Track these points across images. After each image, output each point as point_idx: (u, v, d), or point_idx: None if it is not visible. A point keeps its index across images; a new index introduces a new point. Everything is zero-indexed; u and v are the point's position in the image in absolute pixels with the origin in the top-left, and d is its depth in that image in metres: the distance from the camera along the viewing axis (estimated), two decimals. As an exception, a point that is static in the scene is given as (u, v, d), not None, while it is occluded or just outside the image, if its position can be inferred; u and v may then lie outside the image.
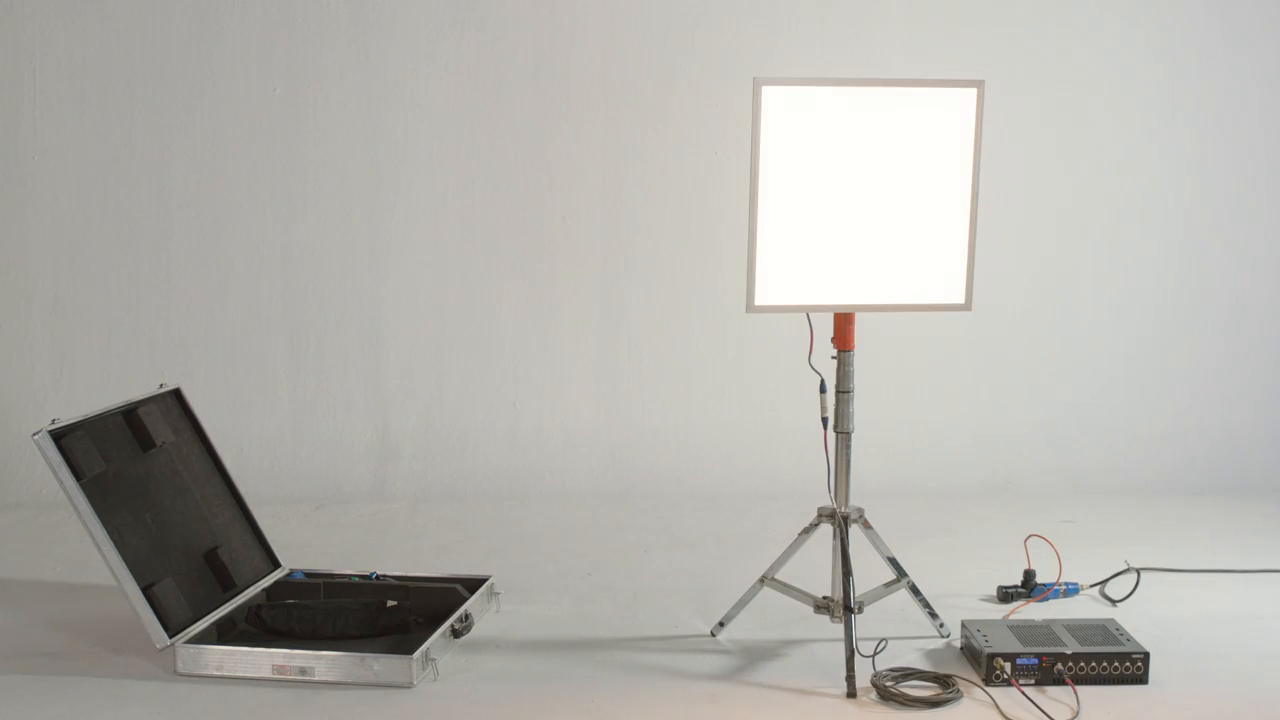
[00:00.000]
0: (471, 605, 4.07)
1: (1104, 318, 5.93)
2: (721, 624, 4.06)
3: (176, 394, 4.41)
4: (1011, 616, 4.12)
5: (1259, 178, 5.90)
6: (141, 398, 4.24)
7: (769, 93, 3.69)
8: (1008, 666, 3.64)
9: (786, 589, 4.01)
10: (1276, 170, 5.90)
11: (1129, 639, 3.75)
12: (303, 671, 3.67)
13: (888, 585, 4.00)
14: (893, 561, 3.98)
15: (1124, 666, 3.66)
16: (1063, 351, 5.93)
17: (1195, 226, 5.92)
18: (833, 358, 3.89)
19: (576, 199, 5.75)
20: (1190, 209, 5.91)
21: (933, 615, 4.01)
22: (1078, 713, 3.48)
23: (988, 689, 3.61)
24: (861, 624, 3.83)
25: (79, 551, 4.71)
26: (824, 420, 3.92)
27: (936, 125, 3.78)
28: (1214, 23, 5.81)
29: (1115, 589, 4.43)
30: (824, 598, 3.97)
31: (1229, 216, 5.92)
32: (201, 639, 3.81)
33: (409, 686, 3.64)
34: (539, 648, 3.99)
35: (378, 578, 4.28)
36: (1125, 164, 5.86)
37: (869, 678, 3.63)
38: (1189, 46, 5.81)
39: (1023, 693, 3.58)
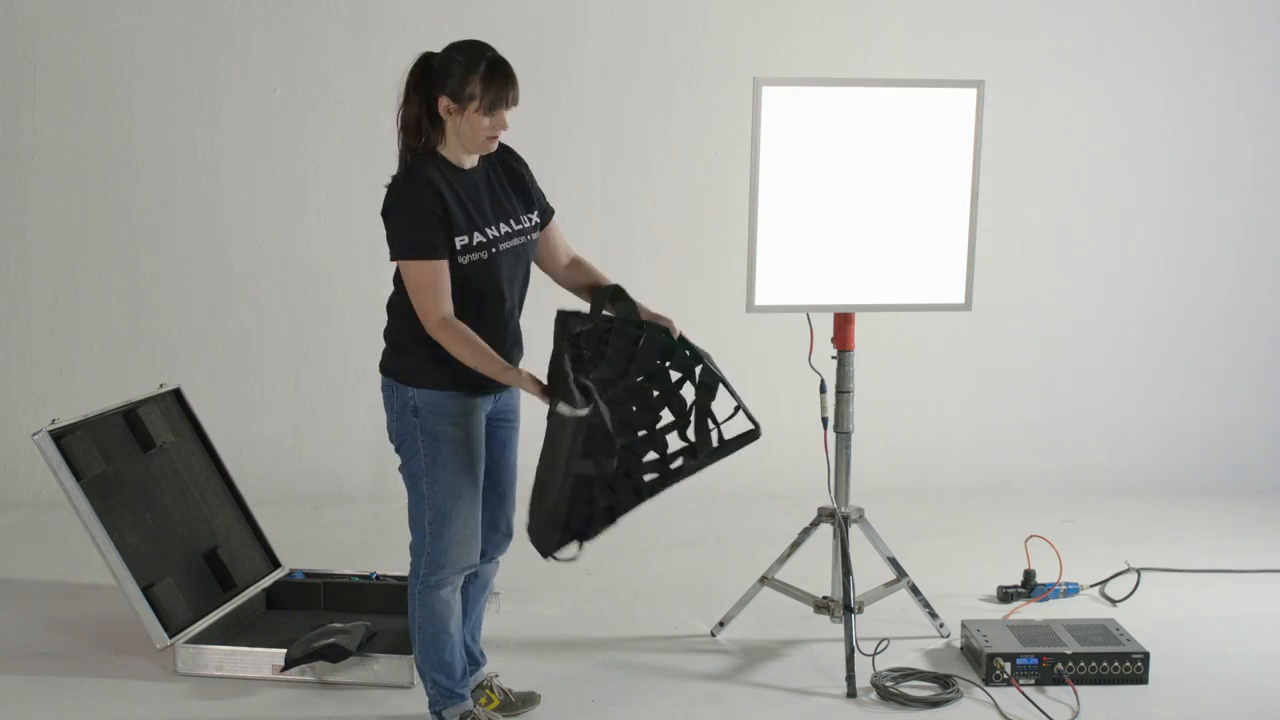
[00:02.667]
0: (471, 605, 4.06)
1: (1103, 318, 5.93)
2: (721, 624, 4.06)
3: (176, 394, 4.41)
4: (1011, 616, 4.12)
5: (1256, 178, 5.90)
6: (141, 398, 4.25)
7: (769, 93, 3.70)
8: (1008, 666, 3.64)
9: (786, 589, 4.01)
10: (1273, 171, 5.90)
11: (1129, 639, 3.75)
12: (303, 671, 3.67)
13: (888, 585, 4.00)
14: (893, 561, 3.98)
15: (1124, 666, 3.66)
16: (1062, 351, 5.93)
17: (1193, 227, 5.92)
18: (833, 358, 3.89)
19: (577, 199, 5.75)
20: (1188, 210, 5.91)
21: (933, 615, 4.01)
22: (1078, 713, 3.48)
23: (988, 689, 3.61)
24: (861, 624, 3.84)
25: (79, 551, 4.71)
26: (824, 420, 3.93)
27: (936, 125, 3.78)
28: (1211, 25, 5.80)
29: (1115, 589, 4.43)
30: (824, 598, 3.97)
31: (1226, 217, 5.92)
32: (201, 639, 3.81)
33: (409, 687, 3.64)
34: (539, 648, 3.99)
35: (378, 578, 4.28)
36: (1123, 164, 5.86)
37: (869, 678, 3.64)
38: (1187, 49, 5.81)
39: (1023, 693, 3.58)
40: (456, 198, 3.11)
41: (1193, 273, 5.94)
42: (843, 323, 3.88)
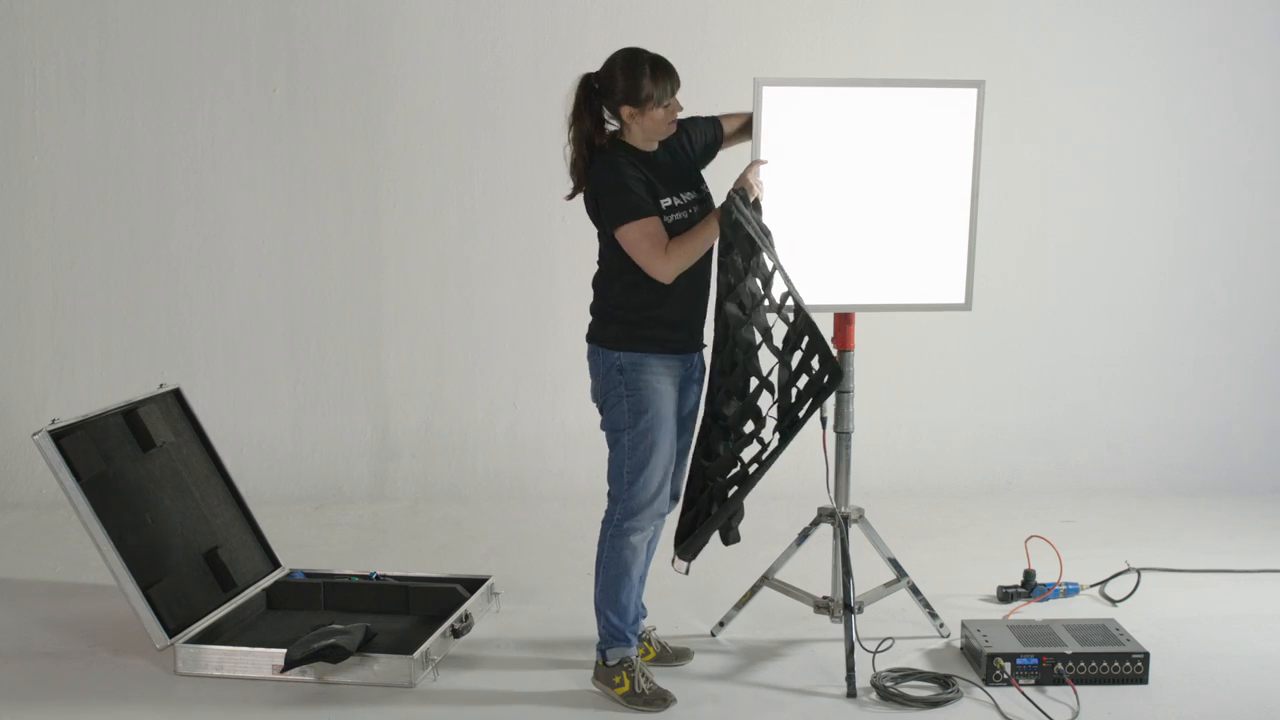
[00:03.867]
0: (471, 605, 4.07)
1: (1103, 318, 5.93)
2: (721, 624, 4.06)
3: (176, 394, 4.41)
4: (1011, 616, 4.12)
5: (1255, 178, 5.90)
6: (141, 398, 4.25)
7: (769, 93, 3.69)
8: (1008, 666, 3.64)
9: (786, 589, 4.01)
10: (1272, 171, 5.90)
11: (1129, 639, 3.75)
12: (303, 671, 3.66)
13: (888, 585, 4.00)
14: (893, 562, 3.98)
15: (1124, 666, 3.66)
16: (1062, 351, 5.93)
17: (1193, 226, 5.92)
18: (833, 358, 3.88)
19: (576, 199, 5.74)
20: (1188, 209, 5.91)
21: (933, 615, 4.00)
22: (1078, 713, 3.48)
23: (988, 689, 3.61)
24: (862, 624, 3.84)
25: (79, 551, 4.71)
26: (823, 420, 3.91)
27: (936, 125, 3.78)
28: (1210, 24, 5.80)
29: (1115, 589, 4.43)
30: (824, 598, 3.96)
31: (1227, 216, 5.92)
32: (201, 639, 3.81)
33: (409, 686, 3.64)
34: (539, 648, 3.99)
35: (378, 578, 4.28)
36: (1123, 164, 5.86)
37: (869, 678, 3.64)
38: (1186, 48, 5.81)
39: (1023, 693, 3.58)
40: (646, 169, 3.46)
41: (1193, 273, 5.93)
42: (843, 323, 3.88)
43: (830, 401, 3.90)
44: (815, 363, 3.44)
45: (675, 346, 3.55)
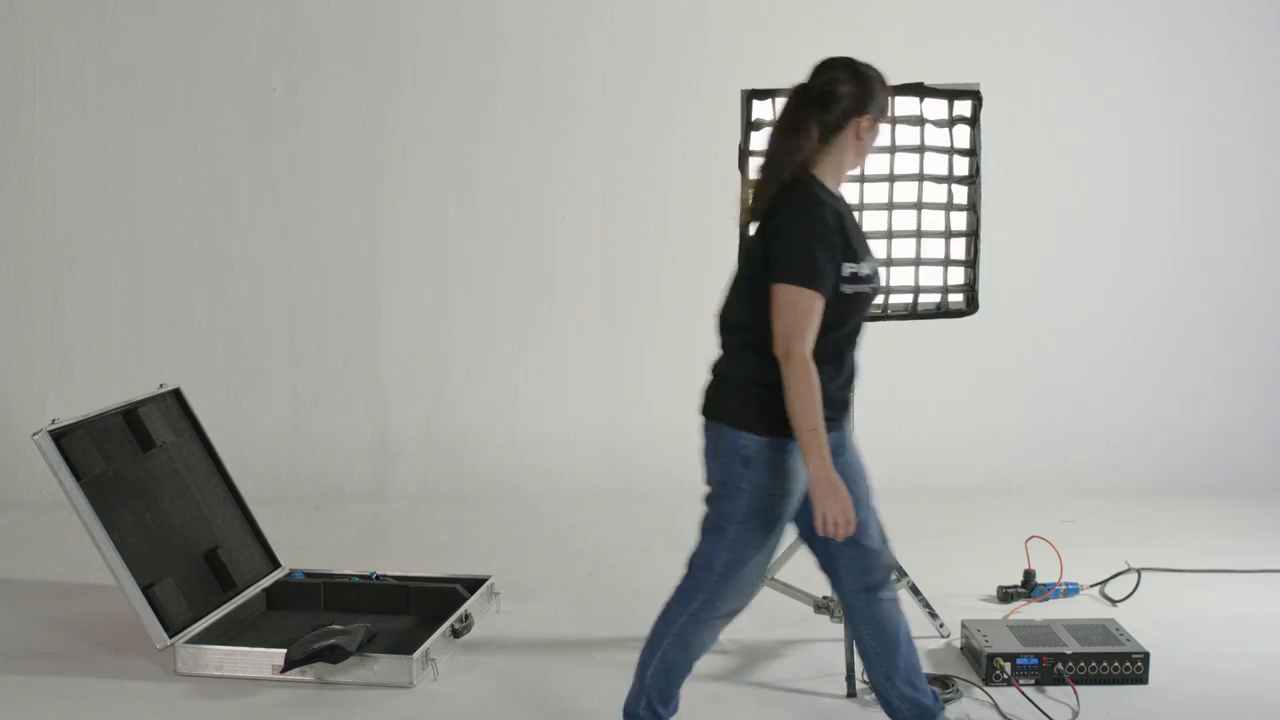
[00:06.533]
0: (471, 605, 4.07)
1: (1103, 318, 5.93)
2: (722, 624, 4.05)
3: (176, 394, 4.41)
4: (1011, 616, 4.12)
5: (1255, 178, 5.90)
6: (141, 398, 4.25)
7: (758, 106, 3.66)
8: (1008, 666, 3.64)
9: (786, 589, 4.01)
10: (1272, 171, 5.89)
11: (1129, 639, 3.75)
12: (303, 671, 3.66)
13: (888, 585, 4.00)
14: (893, 562, 3.98)
15: (1124, 666, 3.66)
16: (1062, 351, 5.93)
17: (1195, 226, 5.92)
18: (833, 358, 3.88)
19: (576, 199, 5.75)
20: (1188, 210, 5.91)
21: (933, 615, 4.00)
22: (1078, 713, 3.48)
23: (988, 689, 3.61)
24: (861, 624, 3.83)
25: (79, 551, 4.70)
26: None
27: (934, 131, 3.77)
28: (1209, 25, 5.80)
29: (1115, 589, 4.43)
30: (824, 598, 3.96)
31: (1226, 217, 5.91)
32: (201, 639, 3.81)
33: (409, 686, 3.64)
34: (539, 648, 3.99)
35: (378, 578, 4.28)
36: (1123, 165, 5.86)
37: (869, 678, 3.63)
38: (1185, 49, 5.81)
39: (1022, 693, 3.58)
40: (845, 224, 2.93)
41: (1195, 273, 5.93)
42: (843, 323, 3.87)
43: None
44: None
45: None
